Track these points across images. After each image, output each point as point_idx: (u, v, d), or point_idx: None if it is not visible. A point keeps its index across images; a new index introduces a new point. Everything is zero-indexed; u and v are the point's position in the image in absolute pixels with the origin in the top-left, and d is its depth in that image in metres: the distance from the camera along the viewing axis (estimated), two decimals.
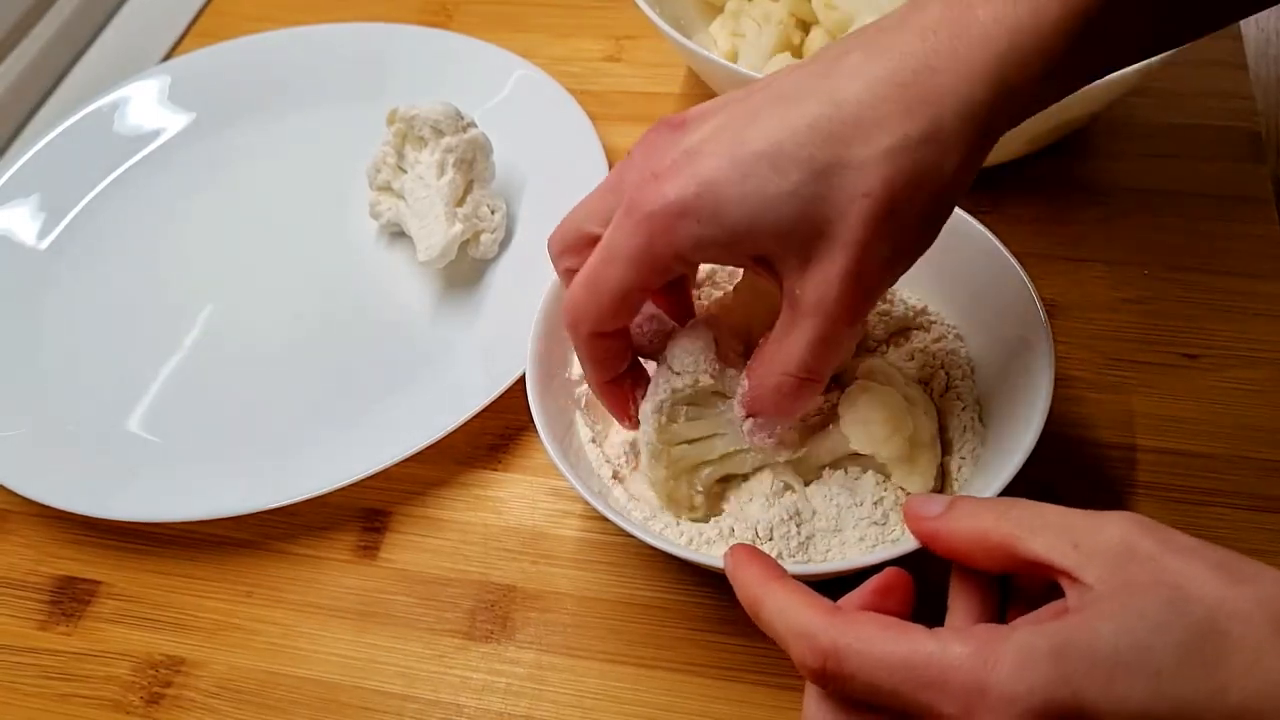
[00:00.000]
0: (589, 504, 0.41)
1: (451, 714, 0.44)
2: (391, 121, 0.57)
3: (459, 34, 0.69)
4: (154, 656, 0.47)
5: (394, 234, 0.61)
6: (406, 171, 0.58)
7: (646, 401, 0.41)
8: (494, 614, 0.47)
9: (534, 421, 0.43)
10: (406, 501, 0.51)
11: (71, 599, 0.49)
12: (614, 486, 0.44)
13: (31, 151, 0.66)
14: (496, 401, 0.50)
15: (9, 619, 0.49)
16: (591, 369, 0.40)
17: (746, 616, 0.33)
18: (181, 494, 0.50)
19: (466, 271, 0.58)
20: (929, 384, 0.46)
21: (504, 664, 0.45)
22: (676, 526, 0.42)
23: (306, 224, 0.63)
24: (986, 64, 0.32)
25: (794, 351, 0.36)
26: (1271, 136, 0.64)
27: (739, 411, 0.40)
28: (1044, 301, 0.44)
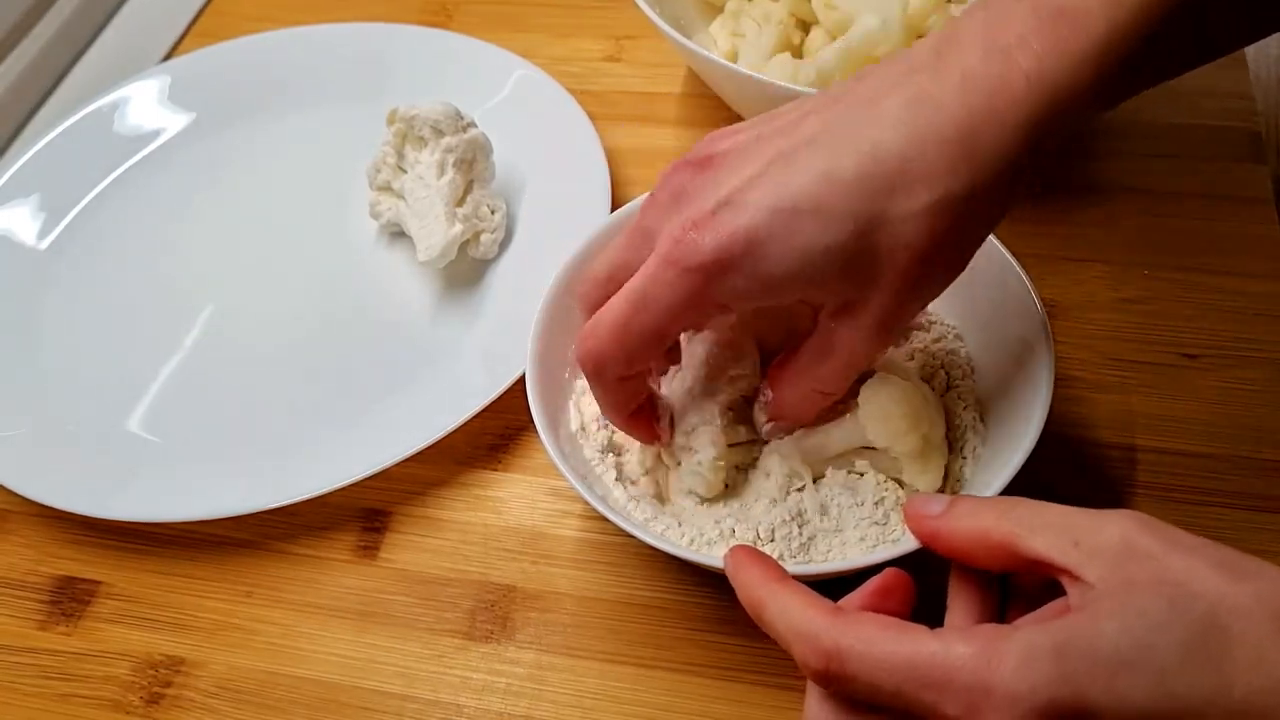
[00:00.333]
0: (589, 504, 0.41)
1: (451, 714, 0.44)
2: (391, 121, 0.57)
3: (459, 34, 0.69)
4: (154, 656, 0.47)
5: (394, 234, 0.61)
6: (406, 171, 0.58)
7: (704, 407, 0.42)
8: (494, 614, 0.47)
9: (534, 421, 0.43)
10: (406, 501, 0.51)
11: (71, 599, 0.49)
12: (615, 487, 0.44)
13: (31, 151, 0.66)
14: (496, 401, 0.50)
15: (8, 619, 0.49)
16: (616, 409, 0.41)
17: (746, 617, 0.33)
18: (181, 494, 0.50)
19: (466, 271, 0.58)
20: (930, 383, 0.46)
21: (504, 664, 0.45)
22: (678, 528, 0.42)
23: (306, 224, 0.63)
24: (1027, 122, 0.33)
25: (823, 374, 0.38)
26: (1271, 136, 0.64)
27: (759, 416, 0.43)
28: (1044, 301, 0.44)
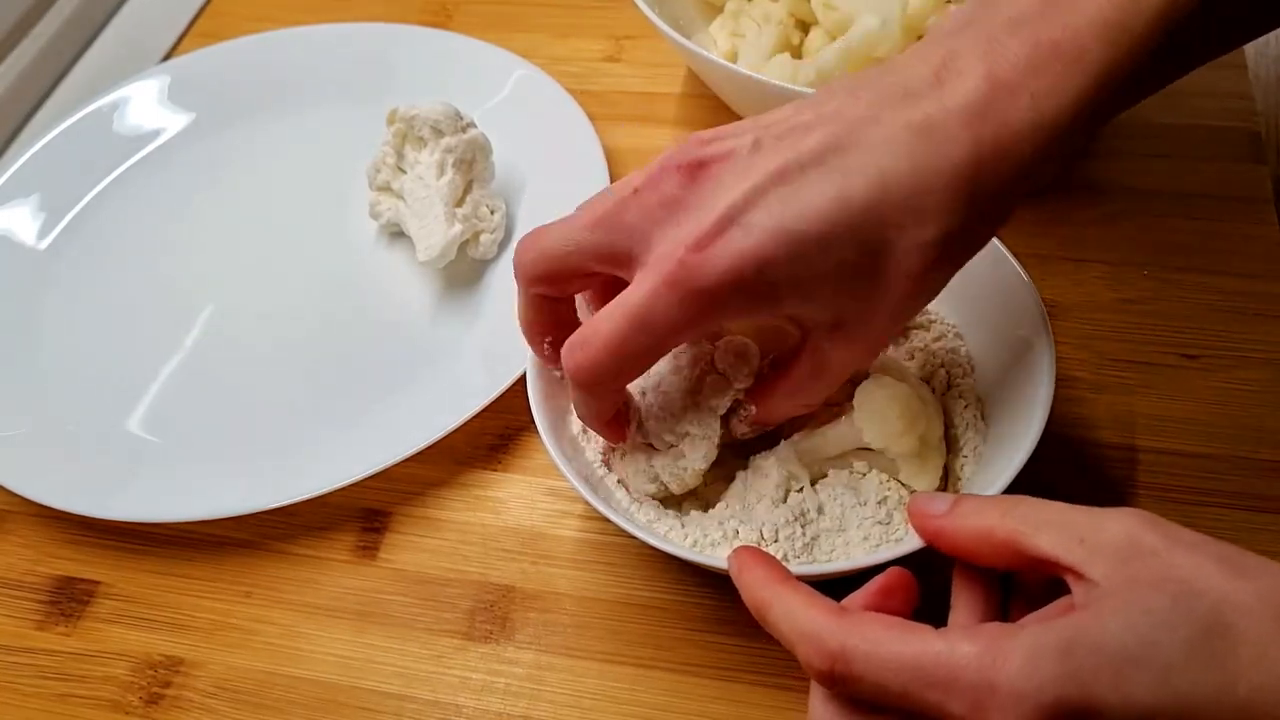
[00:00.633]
0: (588, 504, 0.41)
1: (450, 714, 0.44)
2: (391, 121, 0.57)
3: (459, 34, 0.69)
4: (152, 657, 0.47)
5: (394, 234, 0.61)
6: (406, 172, 0.58)
7: (705, 420, 0.42)
8: (493, 614, 0.46)
9: (534, 421, 0.43)
10: (406, 502, 0.50)
11: (70, 599, 0.49)
12: (616, 488, 0.44)
13: (31, 151, 0.66)
14: (496, 401, 0.50)
15: (7, 619, 0.49)
16: (598, 416, 0.40)
17: (745, 617, 0.33)
18: (181, 494, 0.50)
19: (466, 271, 0.58)
20: (930, 382, 0.46)
21: (503, 664, 0.45)
22: (681, 530, 0.42)
23: (306, 224, 0.63)
24: (1030, 157, 0.33)
25: (813, 391, 0.39)
26: (1271, 136, 0.64)
27: (739, 427, 0.42)
28: (1044, 302, 0.44)
